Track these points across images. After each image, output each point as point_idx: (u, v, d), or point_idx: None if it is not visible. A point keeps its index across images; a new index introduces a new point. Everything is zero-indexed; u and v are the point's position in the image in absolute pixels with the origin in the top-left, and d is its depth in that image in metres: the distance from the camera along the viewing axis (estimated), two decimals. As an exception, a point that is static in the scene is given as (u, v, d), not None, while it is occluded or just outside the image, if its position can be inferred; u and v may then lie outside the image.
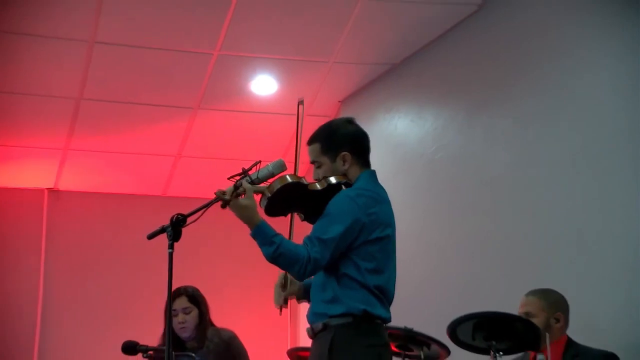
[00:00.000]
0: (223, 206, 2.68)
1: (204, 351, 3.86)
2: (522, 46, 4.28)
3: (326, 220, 2.71)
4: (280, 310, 2.92)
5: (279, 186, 2.72)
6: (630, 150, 3.58)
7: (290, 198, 2.77)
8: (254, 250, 2.75)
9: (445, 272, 4.53)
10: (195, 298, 3.97)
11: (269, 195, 2.70)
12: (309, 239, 2.68)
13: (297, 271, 2.66)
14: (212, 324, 3.99)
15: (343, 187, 2.81)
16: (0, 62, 4.83)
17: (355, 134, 2.91)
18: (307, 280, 2.90)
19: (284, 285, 2.88)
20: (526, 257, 4.03)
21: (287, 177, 2.76)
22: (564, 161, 3.93)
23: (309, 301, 2.91)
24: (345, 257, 2.70)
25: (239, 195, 2.66)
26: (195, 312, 3.95)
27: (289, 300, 2.92)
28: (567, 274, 3.72)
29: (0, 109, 5.21)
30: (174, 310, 3.90)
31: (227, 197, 2.65)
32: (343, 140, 2.86)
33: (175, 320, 3.91)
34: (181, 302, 3.91)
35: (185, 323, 3.91)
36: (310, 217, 2.82)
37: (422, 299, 4.27)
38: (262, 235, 2.65)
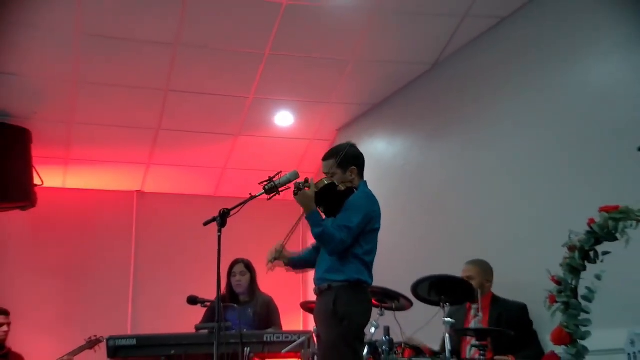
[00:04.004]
0: (295, 193, 2.68)
1: (251, 305, 3.92)
2: (462, 92, 4.30)
3: (349, 213, 2.72)
4: (269, 266, 2.86)
5: (323, 185, 2.75)
6: (542, 161, 3.61)
7: (325, 195, 2.76)
8: (274, 234, 2.76)
9: (410, 249, 4.55)
10: (249, 266, 4.01)
11: (316, 190, 2.71)
12: (338, 226, 2.69)
13: (332, 247, 2.68)
14: (259, 289, 4.02)
15: (354, 190, 2.84)
16: (99, 105, 4.87)
17: (359, 155, 2.95)
18: (293, 257, 2.91)
19: (279, 251, 2.86)
20: (466, 238, 4.05)
21: (325, 180, 2.79)
22: (494, 172, 3.96)
23: (293, 268, 2.91)
24: (355, 241, 2.72)
25: (279, 192, 2.69)
26: (248, 276, 3.98)
27: (276, 266, 2.87)
28: (494, 248, 3.74)
29: (101, 136, 5.24)
30: (234, 272, 3.95)
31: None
32: (352, 159, 2.89)
33: (234, 280, 3.96)
34: (239, 268, 3.96)
35: (241, 282, 3.96)
36: (330, 211, 2.81)
37: (394, 267, 4.28)
38: (315, 218, 2.68)
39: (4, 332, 4.36)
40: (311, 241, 2.94)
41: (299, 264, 2.98)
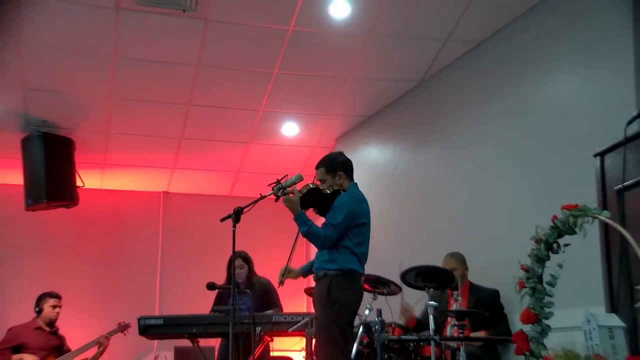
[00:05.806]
0: (277, 200, 2.70)
1: (251, 291, 3.89)
2: (444, 106, 4.32)
3: (335, 212, 2.75)
4: (279, 285, 2.94)
5: (308, 189, 2.76)
6: (513, 165, 3.62)
7: (312, 197, 2.78)
8: (280, 229, 2.76)
9: (399, 242, 4.55)
10: (246, 259, 3.99)
11: (300, 195, 2.71)
12: (324, 225, 2.73)
13: (319, 242, 2.70)
14: (256, 274, 4.01)
15: (342, 192, 2.85)
16: (131, 118, 4.89)
17: (345, 161, 2.96)
18: (304, 266, 2.97)
19: (284, 273, 2.92)
20: (448, 232, 4.06)
21: (310, 184, 2.80)
22: (472, 175, 3.97)
23: (304, 277, 3.02)
24: (344, 235, 2.74)
25: (287, 193, 2.69)
26: (246, 267, 3.97)
27: (285, 281, 2.95)
28: (472, 241, 3.75)
29: (133, 144, 5.25)
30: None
31: (280, 194, 2.69)
32: (339, 165, 2.91)
33: None
34: (238, 261, 3.93)
35: (240, 274, 3.94)
36: (321, 211, 2.85)
37: (386, 258, 4.28)
38: (301, 219, 2.70)
39: (57, 312, 4.42)
40: (313, 254, 2.94)
41: (309, 271, 3.02)
